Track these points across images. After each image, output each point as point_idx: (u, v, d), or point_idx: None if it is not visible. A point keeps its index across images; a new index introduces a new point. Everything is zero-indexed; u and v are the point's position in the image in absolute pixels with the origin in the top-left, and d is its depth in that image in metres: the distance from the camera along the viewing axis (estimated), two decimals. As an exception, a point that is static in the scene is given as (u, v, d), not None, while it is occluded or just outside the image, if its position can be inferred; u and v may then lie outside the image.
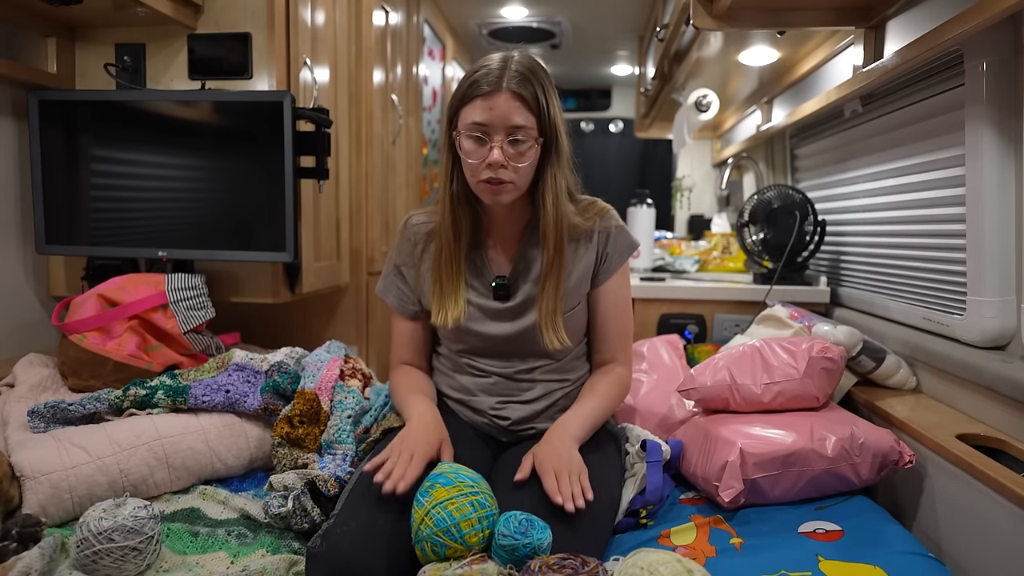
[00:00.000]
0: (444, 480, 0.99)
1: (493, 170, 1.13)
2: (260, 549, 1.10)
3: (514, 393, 1.28)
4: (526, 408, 1.27)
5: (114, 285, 1.55)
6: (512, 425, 1.27)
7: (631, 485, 1.21)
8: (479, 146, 1.13)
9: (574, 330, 1.28)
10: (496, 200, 1.17)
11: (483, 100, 1.11)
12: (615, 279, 1.28)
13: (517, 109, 1.12)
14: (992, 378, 1.19)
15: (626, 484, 1.22)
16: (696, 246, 2.89)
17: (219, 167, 1.70)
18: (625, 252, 1.29)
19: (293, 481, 1.20)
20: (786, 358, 1.32)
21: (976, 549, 1.07)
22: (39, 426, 1.29)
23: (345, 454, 1.29)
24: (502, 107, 1.11)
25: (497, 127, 1.12)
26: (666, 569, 0.83)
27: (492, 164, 1.12)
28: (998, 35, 1.19)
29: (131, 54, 1.76)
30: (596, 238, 1.26)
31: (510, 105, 1.11)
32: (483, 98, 1.11)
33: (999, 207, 1.22)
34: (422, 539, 0.95)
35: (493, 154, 1.12)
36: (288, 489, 1.19)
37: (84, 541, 0.99)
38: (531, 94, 1.13)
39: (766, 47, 2.05)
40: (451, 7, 3.32)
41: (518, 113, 1.12)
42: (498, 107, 1.11)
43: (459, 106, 1.15)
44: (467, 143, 1.14)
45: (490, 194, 1.16)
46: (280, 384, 1.41)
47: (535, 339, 1.23)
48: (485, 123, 1.12)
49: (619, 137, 4.99)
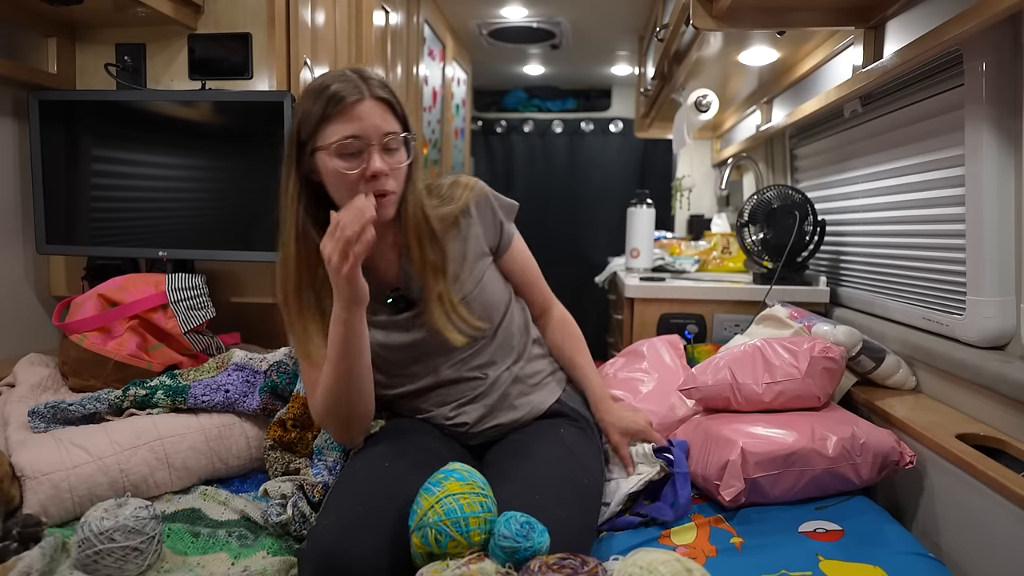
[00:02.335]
0: (459, 476, 0.99)
1: (376, 182, 1.08)
2: (261, 551, 1.11)
3: (463, 394, 1.24)
4: (480, 406, 1.24)
5: (114, 285, 1.55)
6: (473, 428, 1.24)
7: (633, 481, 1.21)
8: (353, 160, 1.07)
9: (491, 305, 1.24)
10: (381, 215, 1.09)
11: (349, 111, 1.06)
12: (516, 237, 1.32)
13: (385, 115, 1.09)
14: (992, 378, 1.19)
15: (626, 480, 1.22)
16: (696, 246, 2.89)
17: (219, 167, 1.70)
18: (511, 212, 1.30)
19: (289, 489, 1.20)
20: (787, 358, 1.33)
21: (976, 549, 1.07)
22: (39, 426, 1.29)
23: (336, 461, 1.27)
24: (372, 115, 1.07)
25: (371, 136, 1.07)
26: (666, 568, 0.83)
27: (376, 174, 1.07)
28: (998, 35, 1.19)
29: (131, 54, 1.76)
30: (474, 211, 1.24)
31: (379, 112, 1.08)
32: (348, 109, 1.06)
33: (999, 207, 1.22)
34: (427, 525, 0.95)
35: (374, 163, 1.07)
36: (285, 497, 1.19)
37: (85, 541, 0.99)
38: (393, 98, 1.11)
39: (766, 47, 2.06)
40: (451, 7, 3.32)
41: (387, 119, 1.09)
42: (367, 115, 1.07)
43: (317, 127, 1.08)
44: (339, 161, 1.07)
45: (381, 208, 1.10)
46: (279, 385, 1.41)
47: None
48: (358, 134, 1.06)
49: (619, 137, 4.99)
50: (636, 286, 2.11)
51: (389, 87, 1.13)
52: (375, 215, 1.01)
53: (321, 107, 1.08)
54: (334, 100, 1.07)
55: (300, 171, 1.13)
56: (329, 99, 1.07)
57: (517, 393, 1.27)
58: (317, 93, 1.09)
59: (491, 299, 1.25)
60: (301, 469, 1.29)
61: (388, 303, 1.22)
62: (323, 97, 1.08)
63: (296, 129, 1.12)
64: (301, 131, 1.11)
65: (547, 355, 1.38)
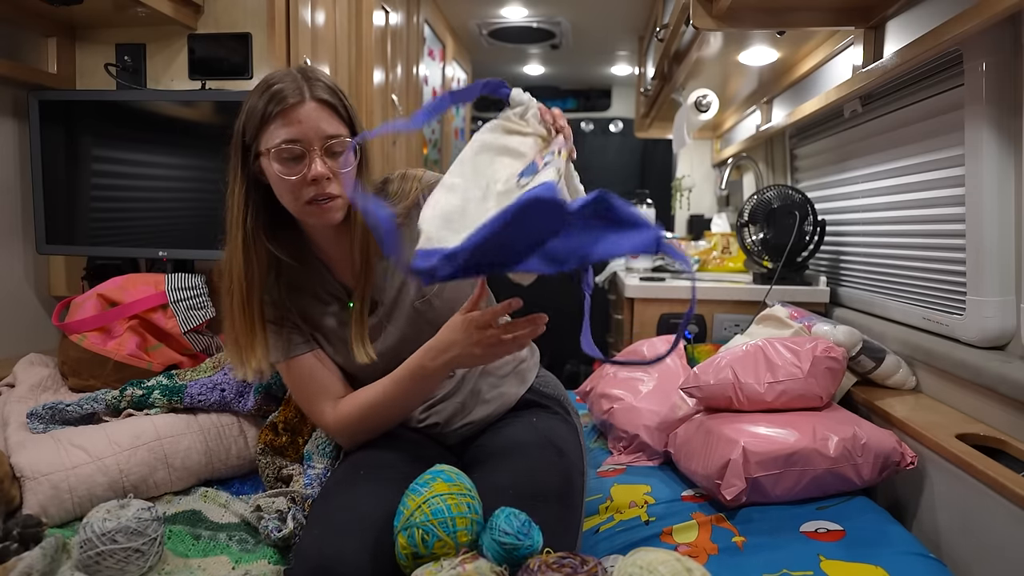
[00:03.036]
0: (446, 477, 0.99)
1: (318, 186, 1.05)
2: (263, 559, 1.10)
3: (432, 394, 1.22)
4: (450, 404, 1.22)
5: (114, 285, 1.55)
6: (446, 428, 1.23)
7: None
8: (295, 164, 1.05)
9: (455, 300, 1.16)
10: (326, 220, 1.08)
11: (289, 114, 1.03)
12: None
13: (328, 118, 1.06)
14: (992, 378, 1.19)
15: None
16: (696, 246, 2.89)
17: (219, 167, 1.69)
18: None
19: (283, 504, 1.19)
20: (790, 357, 1.33)
21: (976, 549, 1.07)
22: (38, 427, 1.29)
23: (326, 469, 1.25)
24: (312, 118, 1.04)
25: (312, 139, 1.04)
26: (665, 568, 0.83)
27: (317, 179, 1.04)
28: (998, 35, 1.19)
29: (131, 54, 1.76)
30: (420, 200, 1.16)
31: (319, 115, 1.04)
32: (288, 111, 1.03)
33: (999, 207, 1.22)
34: (414, 525, 0.95)
35: (315, 167, 1.04)
36: (281, 512, 1.17)
37: (87, 542, 0.99)
38: (338, 100, 1.08)
39: (766, 47, 2.06)
40: (451, 7, 3.32)
41: (330, 122, 1.06)
42: (307, 118, 1.04)
43: (259, 129, 1.06)
44: (280, 164, 1.05)
45: (319, 215, 1.08)
46: (272, 386, 1.41)
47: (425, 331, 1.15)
48: (298, 138, 1.04)
49: (619, 137, 4.99)
50: (636, 286, 2.11)
51: (335, 88, 1.09)
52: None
53: (263, 106, 1.05)
54: (275, 99, 1.04)
55: (246, 174, 1.11)
56: (271, 98, 1.04)
57: (487, 387, 1.23)
58: (261, 90, 1.07)
59: (454, 294, 1.19)
60: (293, 476, 1.29)
61: (349, 307, 1.18)
62: (266, 96, 1.05)
63: (241, 130, 1.09)
64: (245, 132, 1.09)
65: None
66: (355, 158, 1.10)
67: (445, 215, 0.87)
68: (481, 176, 0.91)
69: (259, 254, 1.11)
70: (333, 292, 1.19)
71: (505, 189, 0.89)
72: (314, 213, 1.08)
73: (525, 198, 0.75)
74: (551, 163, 0.91)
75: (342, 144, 1.07)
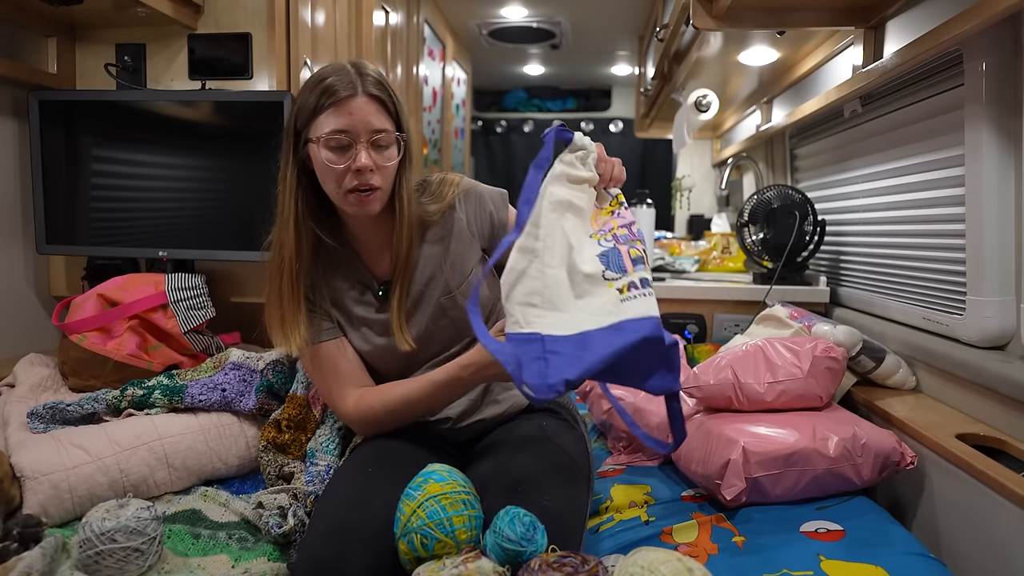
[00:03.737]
0: (438, 477, 0.99)
1: (361, 176, 1.10)
2: (262, 556, 1.10)
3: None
4: (463, 401, 1.24)
5: (114, 285, 1.55)
6: (457, 423, 1.24)
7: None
8: (342, 154, 1.10)
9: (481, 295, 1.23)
10: (365, 211, 1.13)
11: (341, 106, 1.09)
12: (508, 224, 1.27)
13: (377, 112, 1.10)
14: (992, 378, 1.19)
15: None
16: (696, 246, 2.89)
17: (219, 167, 1.70)
18: (502, 200, 1.27)
19: (285, 500, 1.19)
20: (790, 357, 1.33)
21: (976, 549, 1.07)
22: (38, 427, 1.29)
23: (329, 466, 1.26)
24: (362, 111, 1.09)
25: (360, 132, 1.09)
26: (667, 568, 0.83)
27: (361, 170, 1.09)
28: (998, 35, 1.19)
29: (131, 54, 1.76)
30: (461, 206, 1.23)
31: (369, 108, 1.09)
32: (340, 104, 1.08)
33: (999, 207, 1.22)
34: (411, 531, 0.95)
35: (360, 159, 1.09)
36: (282, 508, 1.18)
37: (87, 541, 0.99)
38: (387, 96, 1.13)
39: (766, 47, 2.06)
40: (451, 7, 3.32)
41: (379, 116, 1.10)
42: (358, 111, 1.09)
43: (311, 117, 1.11)
44: (328, 152, 1.10)
45: (359, 205, 1.12)
46: (275, 384, 1.41)
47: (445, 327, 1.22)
48: (347, 129, 1.09)
49: (619, 137, 4.99)
50: (636, 286, 2.10)
51: (385, 84, 1.14)
52: None
53: (315, 99, 1.10)
54: (328, 93, 1.09)
55: (296, 159, 1.15)
56: (323, 91, 1.09)
57: (499, 387, 1.26)
58: (314, 85, 1.11)
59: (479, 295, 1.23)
60: (295, 473, 1.29)
61: (379, 295, 1.23)
62: (318, 89, 1.10)
63: (293, 118, 1.14)
64: (297, 120, 1.14)
65: None
66: (399, 153, 1.15)
67: (528, 296, 0.96)
68: (554, 238, 0.99)
69: (307, 234, 1.17)
70: (362, 280, 1.24)
71: (592, 272, 0.98)
72: (353, 203, 1.12)
73: (640, 337, 0.90)
74: (638, 267, 1.00)
75: (388, 138, 1.12)
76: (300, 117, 1.13)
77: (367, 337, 1.23)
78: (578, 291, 0.97)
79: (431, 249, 1.22)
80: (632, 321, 0.93)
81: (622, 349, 0.90)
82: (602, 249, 1.01)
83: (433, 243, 1.23)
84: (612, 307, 0.96)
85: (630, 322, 0.92)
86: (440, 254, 1.22)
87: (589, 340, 0.92)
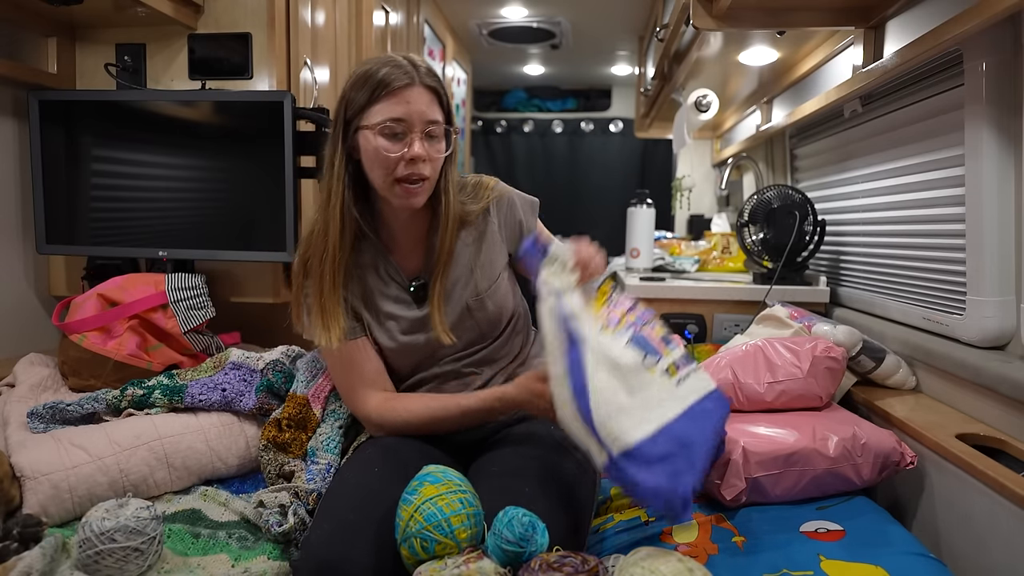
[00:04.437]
0: (432, 479, 0.99)
1: (414, 165, 1.11)
2: (262, 555, 1.10)
3: (456, 389, 1.25)
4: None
5: (114, 285, 1.55)
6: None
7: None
8: (396, 142, 1.11)
9: (503, 306, 1.25)
10: (410, 202, 1.14)
11: (398, 95, 1.09)
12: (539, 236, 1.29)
13: (431, 103, 1.11)
14: (992, 378, 1.19)
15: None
16: (696, 246, 2.89)
17: (219, 167, 1.70)
18: (532, 209, 1.29)
19: (286, 498, 1.19)
20: (789, 357, 1.33)
21: (976, 549, 1.07)
22: (38, 427, 1.29)
23: (329, 465, 1.26)
24: (418, 101, 1.10)
25: (415, 121, 1.10)
26: (667, 568, 0.83)
27: (415, 159, 1.10)
28: (998, 35, 1.19)
29: (131, 54, 1.76)
30: (494, 211, 1.25)
31: (425, 99, 1.11)
32: (397, 93, 1.09)
33: (999, 207, 1.22)
34: (411, 535, 0.95)
35: (414, 148, 1.10)
36: (283, 506, 1.18)
37: (86, 541, 0.99)
38: (441, 89, 1.14)
39: (766, 47, 2.06)
40: (451, 7, 3.32)
41: (433, 107, 1.12)
42: (415, 101, 1.10)
43: (365, 106, 1.12)
44: (382, 140, 1.10)
45: (405, 196, 1.13)
46: (275, 383, 1.41)
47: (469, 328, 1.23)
48: (403, 117, 1.10)
49: (619, 137, 4.99)
50: (636, 286, 2.11)
51: (438, 77, 1.15)
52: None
53: (371, 88, 1.11)
54: (384, 82, 1.10)
55: (345, 147, 1.16)
56: (380, 81, 1.10)
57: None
58: (367, 75, 1.12)
59: (504, 301, 1.26)
60: (295, 472, 1.29)
61: (411, 291, 1.24)
62: (374, 79, 1.11)
63: (343, 108, 1.15)
64: (348, 109, 1.14)
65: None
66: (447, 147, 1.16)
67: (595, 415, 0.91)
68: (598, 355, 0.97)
69: (350, 223, 1.17)
70: (393, 275, 1.24)
71: (632, 363, 0.98)
72: (400, 194, 1.13)
73: (724, 413, 1.00)
74: (671, 345, 1.05)
75: (439, 130, 1.13)
76: (351, 106, 1.13)
77: (391, 333, 1.23)
78: (630, 387, 0.96)
79: (464, 250, 1.24)
80: (701, 401, 0.96)
81: (717, 429, 0.95)
82: (627, 337, 1.02)
83: (467, 244, 1.24)
84: (669, 392, 0.97)
85: (700, 402, 0.96)
86: (472, 256, 1.24)
87: (674, 432, 0.92)
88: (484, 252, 1.24)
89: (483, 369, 1.26)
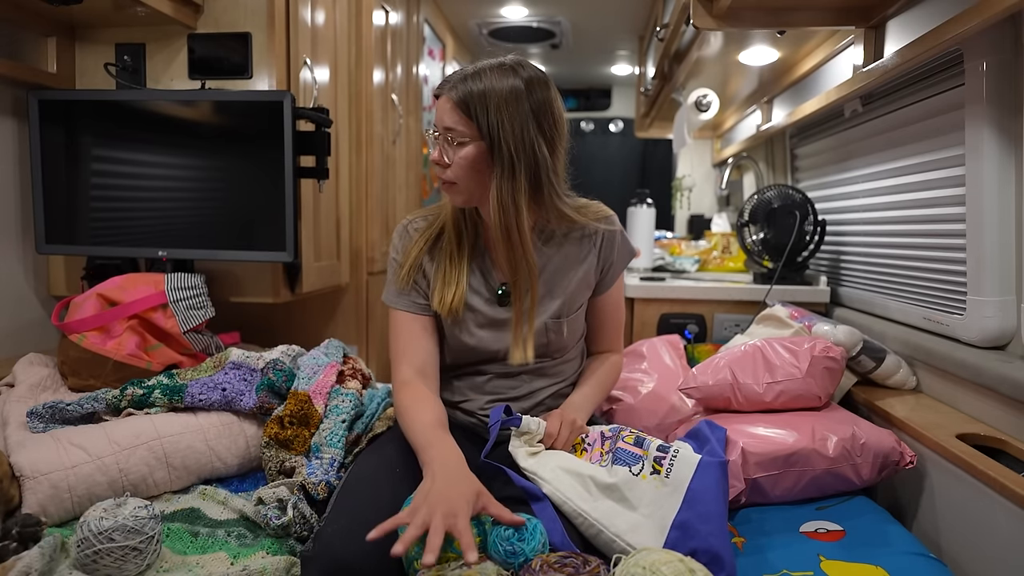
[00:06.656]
0: None
1: (438, 167, 1.19)
2: (260, 551, 1.10)
3: (504, 391, 1.28)
4: (515, 406, 1.26)
5: (114, 285, 1.55)
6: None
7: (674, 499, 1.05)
8: (434, 146, 1.20)
9: (575, 332, 1.29)
10: (452, 200, 1.22)
11: (436, 103, 1.18)
12: (616, 283, 1.32)
13: (449, 112, 1.15)
14: (992, 378, 1.19)
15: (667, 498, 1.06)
16: (696, 246, 2.89)
17: (219, 167, 1.70)
18: (627, 260, 1.32)
19: (285, 493, 1.19)
20: (788, 357, 1.33)
21: (976, 549, 1.07)
22: (38, 427, 1.28)
23: (333, 459, 1.26)
24: (441, 109, 1.17)
25: (438, 128, 1.18)
26: (668, 569, 0.83)
27: (435, 161, 1.19)
28: (998, 35, 1.19)
29: (131, 54, 1.76)
30: (599, 241, 1.27)
31: (445, 108, 1.16)
32: (436, 101, 1.19)
33: (999, 207, 1.22)
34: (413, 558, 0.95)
35: (434, 152, 1.19)
36: (282, 501, 1.18)
37: (84, 541, 0.99)
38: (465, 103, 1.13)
39: (766, 47, 2.06)
40: (451, 7, 3.32)
41: (450, 116, 1.15)
42: (439, 109, 1.17)
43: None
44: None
45: (446, 191, 1.21)
46: (275, 382, 1.41)
47: (538, 346, 1.24)
48: (434, 124, 1.19)
49: (619, 137, 4.99)
50: (636, 286, 2.11)
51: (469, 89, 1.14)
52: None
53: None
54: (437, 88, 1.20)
55: None
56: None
57: (551, 406, 1.29)
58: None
59: (578, 327, 1.31)
60: (296, 468, 1.29)
61: (499, 294, 1.26)
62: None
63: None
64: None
65: None
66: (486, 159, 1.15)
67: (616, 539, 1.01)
68: (561, 481, 1.08)
69: (470, 213, 1.27)
70: (485, 272, 1.27)
71: (621, 480, 1.05)
72: (444, 189, 1.21)
73: (716, 478, 1.01)
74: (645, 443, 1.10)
75: (457, 136, 1.16)
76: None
77: (467, 325, 1.25)
78: (629, 503, 1.03)
79: (558, 269, 1.26)
80: (691, 481, 1.01)
81: (721, 491, 1.00)
82: (610, 461, 1.09)
83: (564, 265, 1.26)
84: (665, 488, 1.02)
85: (692, 483, 1.01)
86: (566, 279, 1.26)
87: (681, 521, 0.99)
88: (577, 280, 1.26)
89: (534, 380, 1.28)
